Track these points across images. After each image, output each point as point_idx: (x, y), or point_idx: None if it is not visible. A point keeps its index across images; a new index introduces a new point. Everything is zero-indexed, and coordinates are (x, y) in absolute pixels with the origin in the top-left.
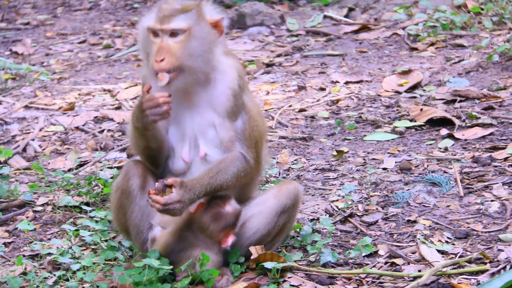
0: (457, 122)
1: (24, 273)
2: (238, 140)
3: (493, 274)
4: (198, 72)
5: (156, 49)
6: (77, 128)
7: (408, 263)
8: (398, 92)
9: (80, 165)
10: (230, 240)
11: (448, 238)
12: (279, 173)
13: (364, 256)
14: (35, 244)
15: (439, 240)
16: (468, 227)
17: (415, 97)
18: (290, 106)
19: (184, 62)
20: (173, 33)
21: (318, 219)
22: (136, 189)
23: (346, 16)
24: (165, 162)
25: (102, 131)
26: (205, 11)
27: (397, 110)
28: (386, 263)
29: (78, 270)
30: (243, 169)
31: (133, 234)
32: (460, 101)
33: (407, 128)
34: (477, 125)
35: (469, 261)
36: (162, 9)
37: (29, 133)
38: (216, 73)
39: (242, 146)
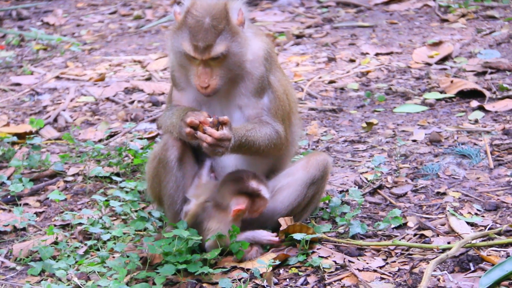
0: (487, 94)
1: (55, 243)
2: (266, 114)
3: None
4: (237, 74)
5: (197, 72)
6: (107, 99)
7: (437, 235)
8: (428, 64)
9: (111, 136)
10: (239, 207)
11: (477, 210)
12: (308, 145)
13: (393, 228)
14: (66, 214)
15: (469, 212)
16: (498, 199)
17: (445, 69)
18: (320, 77)
19: (226, 77)
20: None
21: (347, 190)
22: (173, 160)
23: None
24: None
25: (133, 102)
26: (233, 18)
27: (427, 82)
28: (415, 235)
29: (108, 240)
30: (274, 134)
31: (166, 204)
32: (491, 73)
33: (437, 100)
34: (508, 97)
35: (499, 233)
36: (196, 36)
37: (60, 103)
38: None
39: (270, 118)
